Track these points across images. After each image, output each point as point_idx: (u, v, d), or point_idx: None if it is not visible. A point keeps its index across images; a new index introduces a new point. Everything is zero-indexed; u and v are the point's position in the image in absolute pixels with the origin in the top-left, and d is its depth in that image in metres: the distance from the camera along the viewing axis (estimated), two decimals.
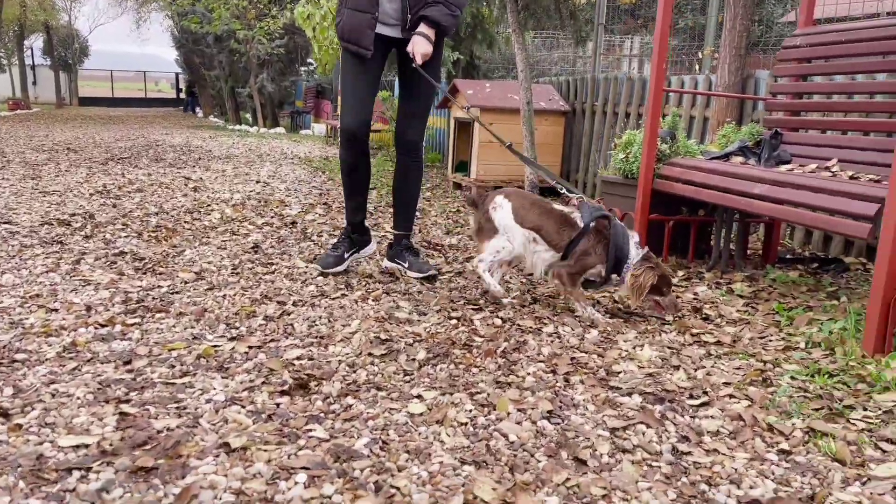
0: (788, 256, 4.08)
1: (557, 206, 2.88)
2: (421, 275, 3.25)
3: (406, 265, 3.32)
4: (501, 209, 2.86)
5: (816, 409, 1.99)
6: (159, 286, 3.04)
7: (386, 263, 3.44)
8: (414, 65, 3.00)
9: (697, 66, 7.05)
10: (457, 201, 5.81)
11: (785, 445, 1.80)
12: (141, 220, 4.46)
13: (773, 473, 1.66)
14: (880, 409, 2.00)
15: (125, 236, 4.00)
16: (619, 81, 5.98)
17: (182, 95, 29.95)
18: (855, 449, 1.78)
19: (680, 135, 3.78)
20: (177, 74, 30.45)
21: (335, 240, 3.36)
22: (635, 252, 2.77)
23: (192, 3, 16.58)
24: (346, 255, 3.24)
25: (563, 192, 2.99)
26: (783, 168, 3.26)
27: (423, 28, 2.98)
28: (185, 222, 4.47)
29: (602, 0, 6.78)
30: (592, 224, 2.77)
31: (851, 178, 2.92)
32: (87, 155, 8.39)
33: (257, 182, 6.53)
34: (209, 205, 5.13)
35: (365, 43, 3.02)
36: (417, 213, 5.07)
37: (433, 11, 2.96)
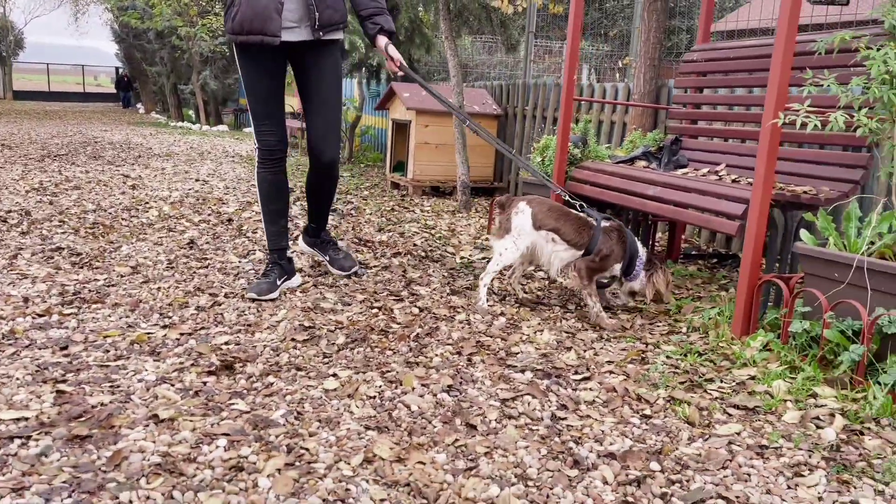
0: (693, 252, 4.44)
1: (573, 211, 3.07)
2: (344, 273, 3.44)
3: (328, 260, 3.49)
4: (522, 214, 3.03)
5: (681, 382, 2.30)
6: (96, 279, 3.19)
7: (302, 247, 3.56)
8: (400, 73, 3.17)
9: (618, 75, 7.44)
10: (392, 200, 6.04)
11: (648, 411, 2.10)
12: (78, 217, 4.56)
13: (632, 433, 1.96)
14: (735, 381, 2.32)
15: (62, 233, 4.10)
16: (548, 87, 6.30)
17: (117, 89, 29.26)
18: (706, 413, 2.09)
19: (591, 140, 4.09)
20: (117, 69, 29.74)
21: (263, 268, 3.24)
22: (642, 252, 3.00)
23: None
24: (278, 282, 3.09)
25: (565, 198, 3.16)
26: (679, 172, 3.60)
27: (384, 37, 3.12)
28: (122, 219, 4.58)
29: (532, 9, 7.10)
30: (607, 224, 2.98)
31: (734, 181, 3.27)
32: (22, 151, 8.32)
33: (196, 180, 6.64)
34: (147, 202, 5.24)
35: (272, 28, 2.81)
36: (353, 212, 5.29)
37: (384, 21, 3.12)
